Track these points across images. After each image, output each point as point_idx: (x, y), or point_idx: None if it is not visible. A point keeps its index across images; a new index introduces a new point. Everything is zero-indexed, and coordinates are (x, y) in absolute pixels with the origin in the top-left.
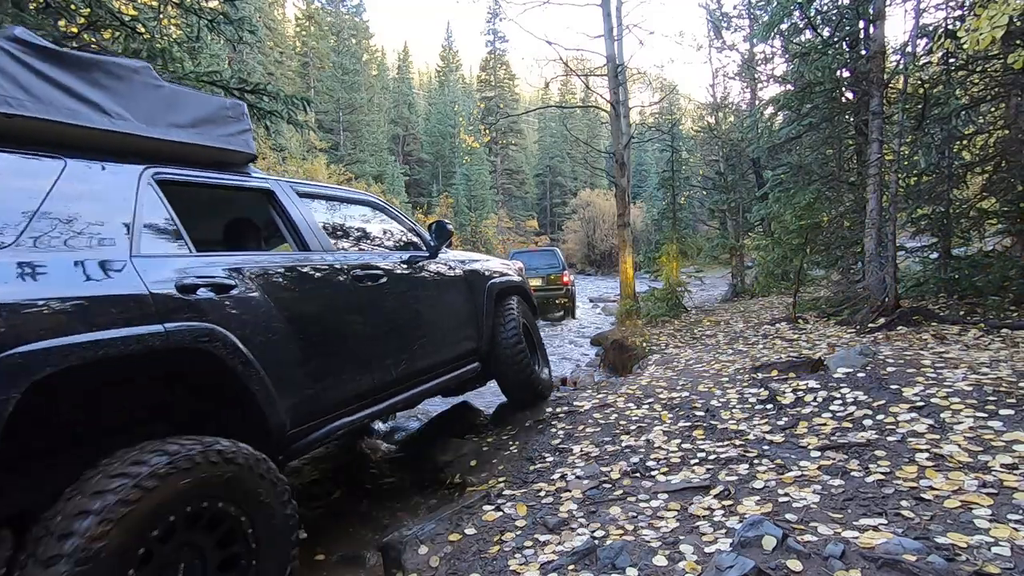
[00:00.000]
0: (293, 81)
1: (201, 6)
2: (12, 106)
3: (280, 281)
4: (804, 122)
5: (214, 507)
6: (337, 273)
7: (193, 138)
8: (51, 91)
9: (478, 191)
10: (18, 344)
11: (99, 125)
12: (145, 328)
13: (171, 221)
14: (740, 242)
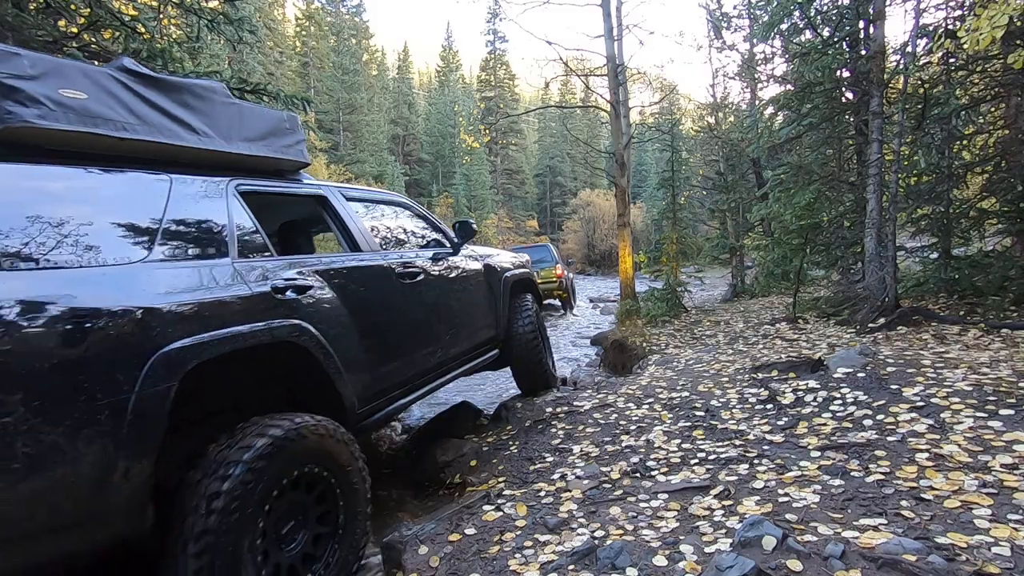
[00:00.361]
0: (293, 81)
1: (201, 6)
2: (127, 130)
3: (344, 280)
4: (804, 122)
5: (312, 471)
6: (386, 271)
7: (260, 150)
8: (152, 114)
9: (478, 191)
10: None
11: (190, 143)
12: (258, 324)
13: (256, 227)
14: (740, 242)
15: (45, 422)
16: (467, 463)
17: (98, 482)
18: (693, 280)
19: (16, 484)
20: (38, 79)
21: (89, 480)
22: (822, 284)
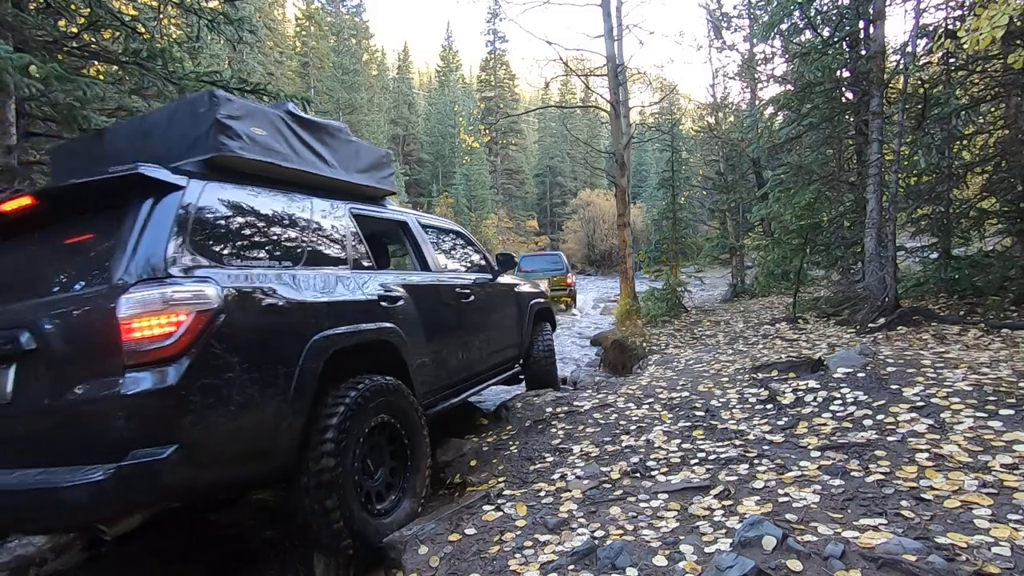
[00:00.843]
0: (293, 81)
1: (201, 6)
2: (288, 160)
3: (418, 294)
4: (804, 122)
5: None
6: (448, 288)
7: (366, 180)
8: (303, 148)
9: (478, 191)
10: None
11: (325, 172)
12: (370, 324)
13: (364, 244)
14: (740, 242)
15: (250, 380)
16: (467, 463)
17: (274, 425)
18: (693, 280)
19: (229, 421)
20: (240, 119)
21: (269, 424)
22: (822, 284)
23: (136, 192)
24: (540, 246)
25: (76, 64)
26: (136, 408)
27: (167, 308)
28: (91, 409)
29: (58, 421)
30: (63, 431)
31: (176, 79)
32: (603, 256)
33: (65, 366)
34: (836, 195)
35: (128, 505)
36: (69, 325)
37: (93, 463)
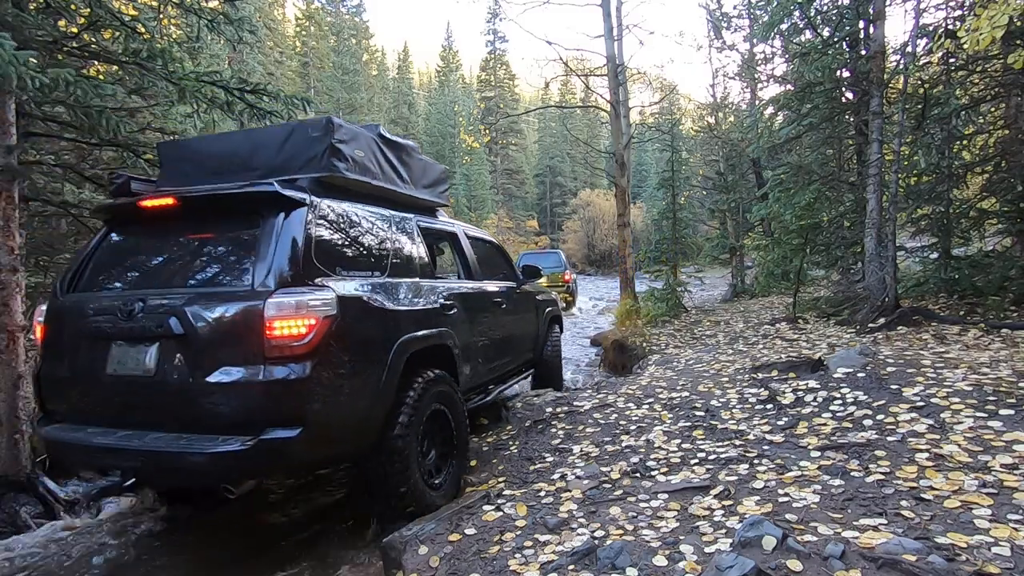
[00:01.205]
0: (293, 81)
1: (201, 6)
2: (377, 178)
3: (465, 301)
4: (804, 122)
5: (440, 409)
6: (487, 295)
7: (428, 195)
8: (387, 167)
9: (478, 191)
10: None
11: (401, 189)
12: (436, 329)
13: (427, 254)
14: (740, 242)
15: (355, 377)
16: (467, 463)
17: (369, 412)
18: (693, 280)
19: (341, 409)
20: (348, 143)
21: (366, 411)
22: (822, 284)
23: (270, 206)
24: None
25: (76, 64)
26: (274, 394)
27: (303, 313)
28: (233, 390)
29: (197, 396)
30: (201, 405)
31: (176, 79)
32: (603, 256)
33: (208, 351)
34: (836, 195)
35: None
36: (216, 317)
37: (227, 435)
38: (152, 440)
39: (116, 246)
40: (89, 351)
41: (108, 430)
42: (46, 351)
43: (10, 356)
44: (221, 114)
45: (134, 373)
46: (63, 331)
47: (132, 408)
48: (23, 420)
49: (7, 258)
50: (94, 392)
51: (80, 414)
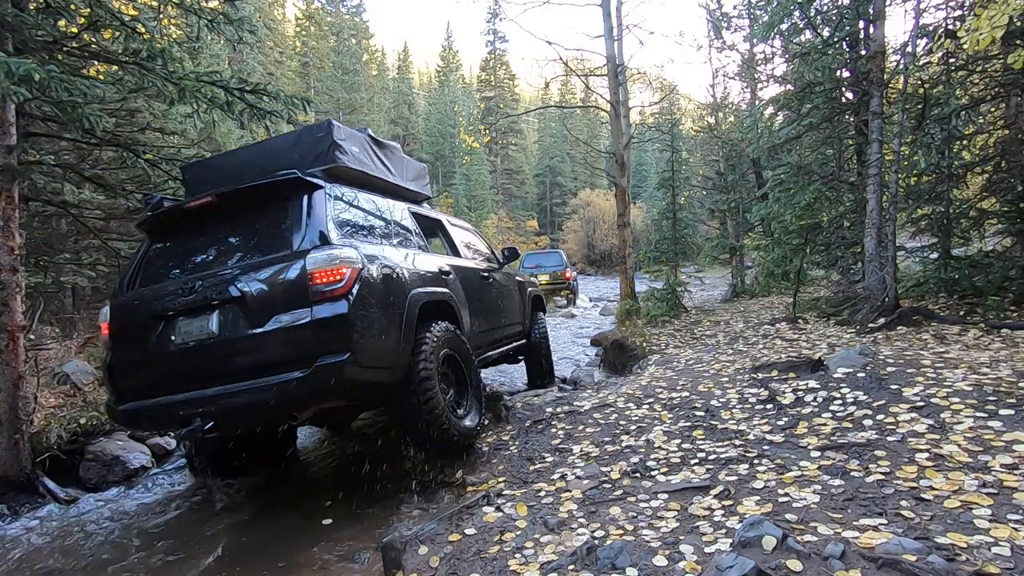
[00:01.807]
0: (293, 81)
1: (201, 6)
2: (372, 170)
3: (458, 271)
4: (804, 122)
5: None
6: (477, 270)
7: (413, 187)
8: (378, 162)
9: (478, 191)
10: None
11: (391, 180)
12: (439, 288)
13: (421, 233)
14: (740, 242)
15: (382, 316)
16: (467, 463)
17: (396, 348)
18: (693, 280)
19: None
20: (346, 140)
21: (394, 346)
22: (822, 284)
23: (295, 190)
24: (540, 246)
25: (76, 64)
26: (322, 329)
27: (336, 263)
28: (288, 333)
29: (258, 345)
30: (262, 351)
31: (176, 79)
32: (603, 256)
33: (263, 306)
34: (836, 195)
35: (318, 395)
36: (266, 278)
37: (285, 371)
38: (222, 389)
39: (161, 249)
40: (155, 331)
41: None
42: (114, 344)
43: (10, 356)
44: (221, 114)
45: (199, 338)
46: (128, 322)
47: (200, 368)
48: (23, 420)
49: (7, 258)
50: (163, 364)
51: (153, 386)
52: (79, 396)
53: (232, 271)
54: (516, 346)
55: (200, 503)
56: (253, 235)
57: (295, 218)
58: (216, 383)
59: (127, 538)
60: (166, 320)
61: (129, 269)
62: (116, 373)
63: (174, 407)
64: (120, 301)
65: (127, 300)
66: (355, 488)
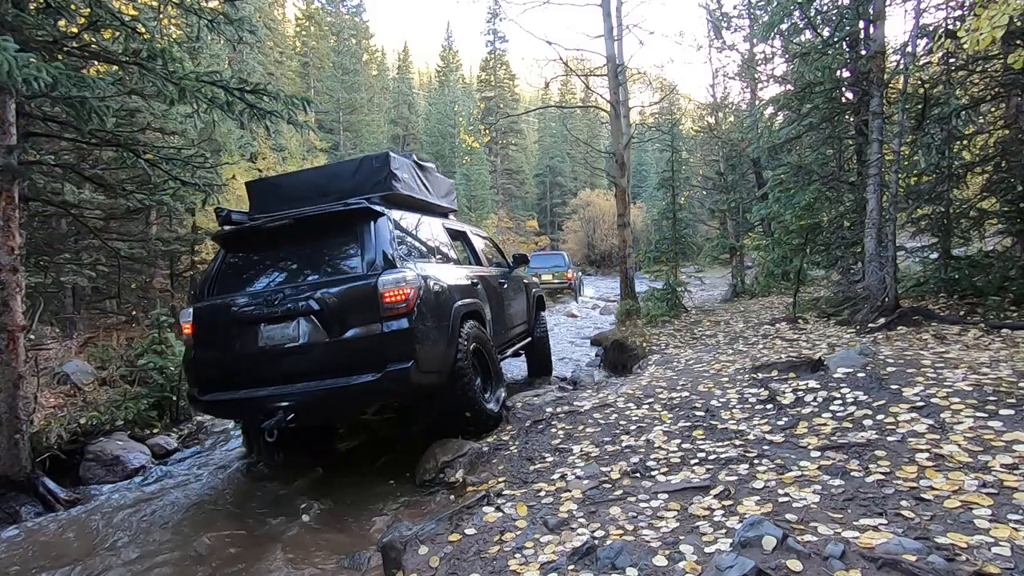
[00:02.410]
0: (293, 81)
1: (201, 6)
2: (415, 192)
3: (484, 280)
4: (804, 122)
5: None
6: (496, 278)
7: (444, 203)
8: (420, 184)
9: (478, 191)
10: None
11: (429, 199)
12: (472, 299)
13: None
14: (740, 242)
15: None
16: (467, 463)
17: (444, 353)
18: (693, 280)
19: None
20: (399, 168)
21: (443, 351)
22: (822, 284)
23: (363, 217)
24: (540, 246)
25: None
26: (391, 341)
27: (402, 285)
28: (363, 342)
29: (336, 350)
30: (339, 356)
31: (176, 79)
32: (603, 256)
33: (339, 318)
34: (836, 195)
35: (384, 395)
36: (342, 294)
37: (359, 374)
38: (304, 386)
39: (237, 261)
40: (240, 334)
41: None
42: (197, 343)
43: (10, 356)
44: (221, 114)
45: (283, 343)
46: (212, 325)
47: (283, 368)
48: (23, 420)
49: (7, 258)
50: (248, 362)
51: (236, 380)
52: (79, 396)
53: (311, 286)
54: (523, 344)
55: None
56: (326, 255)
57: (364, 242)
58: (298, 381)
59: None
60: (251, 325)
61: (207, 277)
62: (199, 368)
63: (260, 400)
64: (203, 306)
65: (211, 305)
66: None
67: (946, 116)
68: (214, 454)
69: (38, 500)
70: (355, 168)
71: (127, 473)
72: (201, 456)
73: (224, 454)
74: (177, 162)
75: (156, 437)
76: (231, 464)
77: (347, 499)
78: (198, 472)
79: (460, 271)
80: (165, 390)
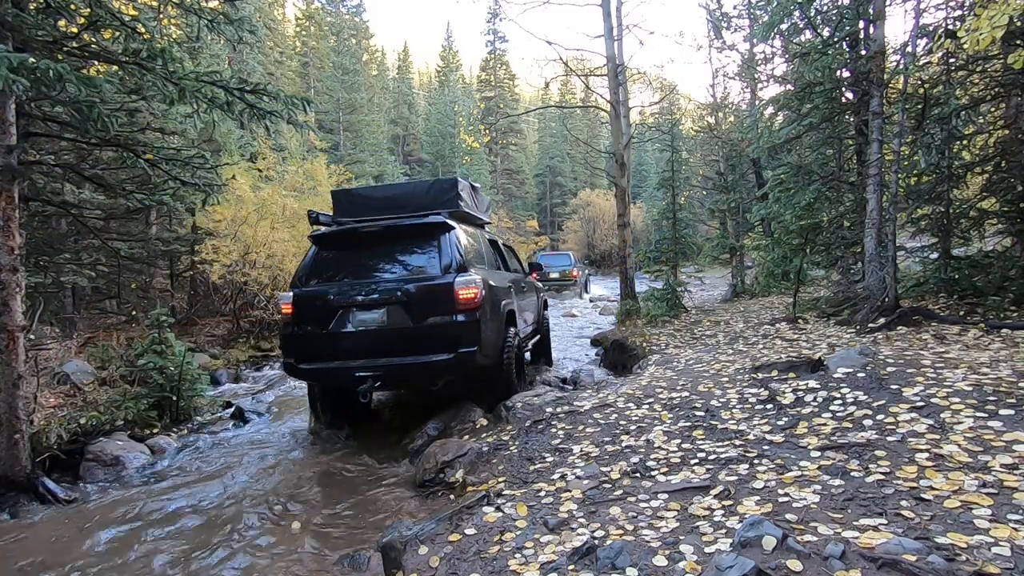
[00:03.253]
0: (293, 81)
1: (201, 6)
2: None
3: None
4: (804, 122)
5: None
6: (518, 280)
7: (483, 216)
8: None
9: None
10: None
11: (478, 215)
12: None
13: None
14: (740, 242)
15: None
16: (467, 463)
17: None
18: (693, 280)
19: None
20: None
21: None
22: (822, 284)
23: (441, 229)
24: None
25: (77, 64)
26: (463, 330)
27: (471, 286)
28: (439, 329)
29: (417, 334)
30: (419, 338)
31: (176, 79)
32: (603, 256)
33: (421, 308)
34: (836, 195)
35: (454, 371)
36: (424, 289)
37: (437, 354)
38: (390, 360)
39: (328, 257)
40: (334, 317)
41: (353, 361)
42: (295, 322)
43: (10, 356)
44: (221, 114)
45: (371, 326)
46: (309, 308)
47: (371, 346)
48: (23, 420)
49: (7, 258)
50: (341, 339)
51: (329, 355)
52: (79, 396)
53: (398, 281)
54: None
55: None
56: (408, 257)
57: (441, 248)
58: (384, 357)
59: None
60: (345, 310)
61: (303, 268)
62: (296, 342)
63: (351, 370)
64: (301, 292)
65: (308, 292)
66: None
67: (946, 116)
68: (211, 454)
69: (38, 499)
70: (428, 188)
71: (127, 473)
72: (201, 456)
73: (224, 453)
74: (177, 162)
75: (156, 437)
76: (230, 463)
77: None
78: (196, 473)
79: (503, 275)
80: (165, 390)
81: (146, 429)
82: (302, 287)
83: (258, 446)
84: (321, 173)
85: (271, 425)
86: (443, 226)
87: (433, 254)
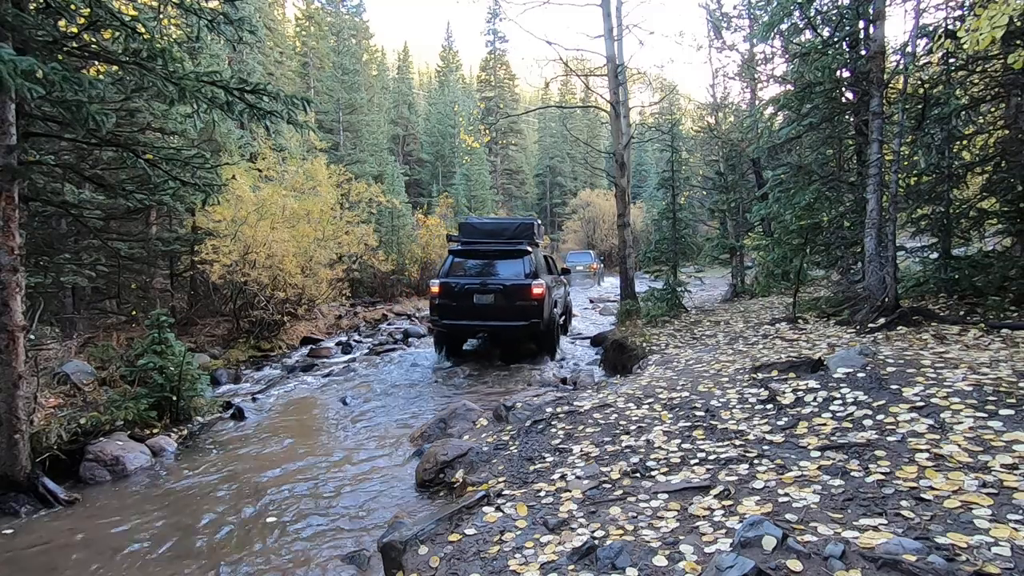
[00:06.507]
0: (293, 81)
1: (201, 6)
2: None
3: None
4: (804, 122)
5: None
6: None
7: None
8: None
9: (478, 191)
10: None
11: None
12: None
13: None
14: (740, 242)
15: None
16: (467, 463)
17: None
18: (693, 280)
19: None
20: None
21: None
22: (822, 284)
23: (523, 251)
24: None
25: (76, 64)
26: (534, 309)
27: (540, 286)
28: (522, 308)
29: (510, 310)
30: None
31: (176, 79)
32: (603, 256)
33: (512, 296)
34: (836, 195)
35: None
36: (515, 285)
37: (518, 321)
38: (494, 323)
39: (459, 261)
40: (465, 297)
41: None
42: (441, 297)
43: (10, 356)
44: (221, 114)
45: (486, 303)
46: (449, 290)
47: (485, 314)
48: (23, 420)
49: (7, 258)
50: (467, 310)
51: (458, 317)
52: (79, 396)
53: (500, 280)
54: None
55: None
56: (505, 266)
57: (523, 263)
58: (492, 321)
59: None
60: (470, 293)
61: (444, 265)
62: (442, 309)
63: (471, 328)
64: (444, 280)
65: (448, 280)
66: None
67: (946, 116)
68: (211, 454)
69: (38, 500)
70: (517, 224)
71: (127, 473)
72: (201, 456)
73: (222, 453)
74: (177, 162)
75: (156, 437)
76: (230, 463)
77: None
78: (196, 473)
79: (552, 277)
80: (165, 390)
81: (146, 429)
82: (444, 278)
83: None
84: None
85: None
86: (525, 251)
87: (519, 266)
